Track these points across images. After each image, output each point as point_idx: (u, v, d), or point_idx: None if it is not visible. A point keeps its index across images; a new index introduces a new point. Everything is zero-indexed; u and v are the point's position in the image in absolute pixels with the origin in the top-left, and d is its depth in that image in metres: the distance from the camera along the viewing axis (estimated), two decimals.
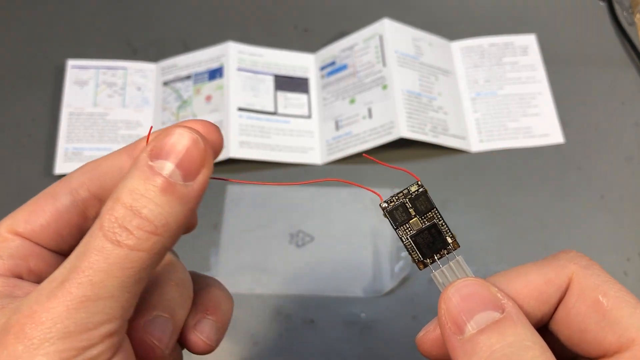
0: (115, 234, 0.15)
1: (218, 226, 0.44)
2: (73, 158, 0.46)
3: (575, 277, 0.17)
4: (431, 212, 0.17)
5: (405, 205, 0.17)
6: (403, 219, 0.17)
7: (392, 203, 0.17)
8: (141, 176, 0.16)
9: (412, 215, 0.17)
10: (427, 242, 0.17)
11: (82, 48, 0.52)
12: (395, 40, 0.48)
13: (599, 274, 0.17)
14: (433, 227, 0.17)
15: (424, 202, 0.17)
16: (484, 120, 0.48)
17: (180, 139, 0.16)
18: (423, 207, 0.17)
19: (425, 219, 0.17)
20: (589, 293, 0.16)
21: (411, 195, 0.17)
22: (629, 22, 0.53)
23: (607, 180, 0.45)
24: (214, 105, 0.48)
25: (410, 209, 0.17)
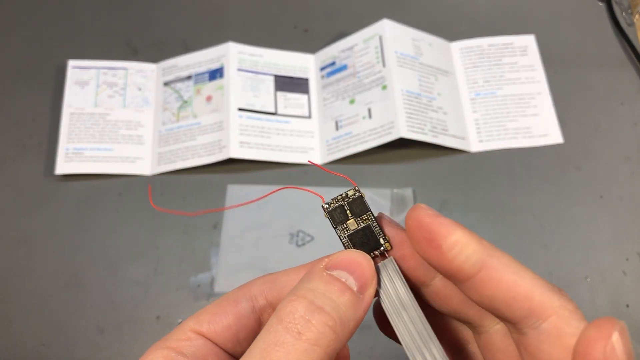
0: (296, 325, 0.16)
1: (218, 226, 0.44)
2: (74, 158, 0.46)
3: None
4: (366, 214, 0.19)
5: (344, 207, 0.19)
6: (341, 219, 0.19)
7: (332, 205, 0.19)
8: (321, 279, 0.17)
9: (349, 217, 0.19)
10: (362, 241, 0.19)
11: (83, 48, 0.52)
12: (395, 40, 0.48)
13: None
14: (367, 228, 0.19)
15: (359, 206, 0.19)
16: (484, 120, 0.48)
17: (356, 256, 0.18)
18: (358, 210, 0.19)
19: (361, 221, 0.19)
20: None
21: (348, 198, 0.19)
22: (628, 22, 0.53)
23: (606, 180, 0.46)
24: (214, 106, 0.48)
25: (347, 211, 0.19)
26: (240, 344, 0.19)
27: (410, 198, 0.44)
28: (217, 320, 0.19)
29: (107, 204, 0.45)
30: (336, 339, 0.16)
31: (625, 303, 0.41)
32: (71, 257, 0.43)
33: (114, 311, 0.41)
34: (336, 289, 0.17)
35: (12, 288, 0.42)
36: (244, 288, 0.20)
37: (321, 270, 0.17)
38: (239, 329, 0.19)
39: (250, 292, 0.19)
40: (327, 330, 0.16)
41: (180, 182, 0.46)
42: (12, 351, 0.40)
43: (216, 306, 0.19)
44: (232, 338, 0.19)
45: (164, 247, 0.44)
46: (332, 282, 0.17)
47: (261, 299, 0.19)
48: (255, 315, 0.19)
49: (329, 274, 0.17)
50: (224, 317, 0.19)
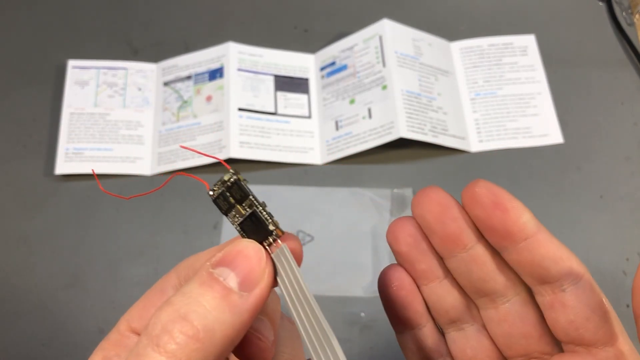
0: (157, 338, 0.15)
1: (218, 226, 0.44)
2: (74, 158, 0.46)
3: None
4: (248, 200, 0.17)
5: (225, 194, 0.17)
6: (227, 207, 0.17)
7: (214, 192, 0.17)
8: (198, 280, 0.16)
9: (233, 204, 0.17)
10: (252, 229, 0.17)
11: (82, 48, 0.52)
12: (395, 40, 0.48)
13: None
14: (253, 215, 0.17)
15: (238, 191, 0.17)
16: (484, 120, 0.48)
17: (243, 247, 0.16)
18: (239, 196, 0.17)
19: (246, 207, 0.17)
20: None
21: (226, 185, 0.17)
22: (628, 22, 0.53)
23: (606, 180, 0.46)
24: (215, 106, 0.48)
25: (229, 197, 0.17)
26: None
27: (410, 198, 0.44)
28: (147, 314, 0.18)
29: (107, 204, 0.45)
30: (201, 348, 0.15)
31: (625, 303, 0.41)
32: (71, 257, 0.43)
33: (114, 311, 0.41)
34: (209, 292, 0.15)
35: (13, 288, 0.42)
36: (168, 276, 0.19)
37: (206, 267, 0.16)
38: None
39: (174, 279, 0.19)
40: (187, 340, 0.15)
41: (180, 182, 0.46)
42: (13, 351, 0.40)
43: (144, 300, 0.18)
44: None
45: (164, 247, 0.44)
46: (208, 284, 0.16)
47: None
48: None
49: (209, 273, 0.16)
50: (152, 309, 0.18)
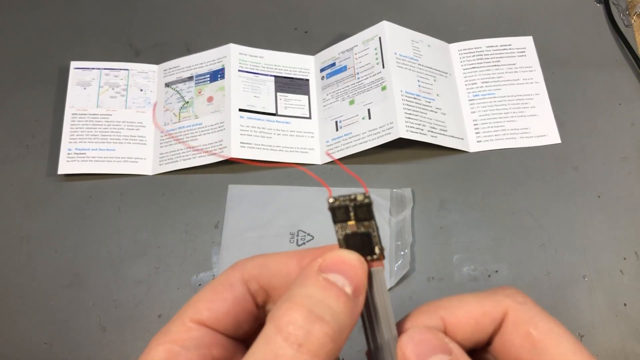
0: (297, 337, 0.15)
1: (219, 225, 0.45)
2: (76, 158, 0.47)
3: (510, 311, 0.19)
4: (369, 222, 0.18)
5: (348, 208, 0.18)
6: (342, 218, 0.18)
7: (337, 202, 0.18)
8: (317, 284, 0.16)
9: (352, 218, 0.18)
10: (357, 245, 0.18)
11: (85, 50, 0.53)
12: (394, 42, 0.49)
13: (531, 309, 0.19)
14: (366, 235, 0.18)
15: (365, 213, 0.18)
16: (482, 120, 0.49)
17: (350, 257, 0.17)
18: (363, 216, 0.18)
19: (362, 226, 0.18)
20: (522, 326, 0.18)
21: (356, 202, 0.18)
22: (625, 23, 0.53)
23: (603, 180, 0.46)
24: (216, 106, 0.48)
25: (351, 213, 0.18)
26: (240, 326, 0.19)
27: (409, 198, 0.45)
28: (216, 307, 0.18)
29: (109, 203, 0.46)
30: (334, 348, 0.16)
31: (622, 302, 0.41)
32: (73, 256, 0.44)
33: (116, 310, 0.42)
34: (333, 295, 0.16)
35: (15, 287, 0.43)
36: (235, 270, 0.19)
37: (316, 273, 0.17)
38: (237, 313, 0.18)
39: (242, 275, 0.19)
40: (327, 340, 0.15)
41: (181, 182, 0.47)
42: (15, 350, 0.41)
43: (212, 292, 0.18)
44: (232, 322, 0.18)
45: (166, 246, 0.44)
46: (329, 288, 0.16)
47: (254, 283, 0.19)
48: (251, 298, 0.19)
49: (325, 279, 0.17)
50: (222, 303, 0.18)
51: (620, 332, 0.40)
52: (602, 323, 0.40)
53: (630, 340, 0.40)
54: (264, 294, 0.19)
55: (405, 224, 0.44)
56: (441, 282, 0.42)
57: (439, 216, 0.45)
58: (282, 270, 0.19)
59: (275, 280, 0.19)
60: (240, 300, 0.18)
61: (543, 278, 0.42)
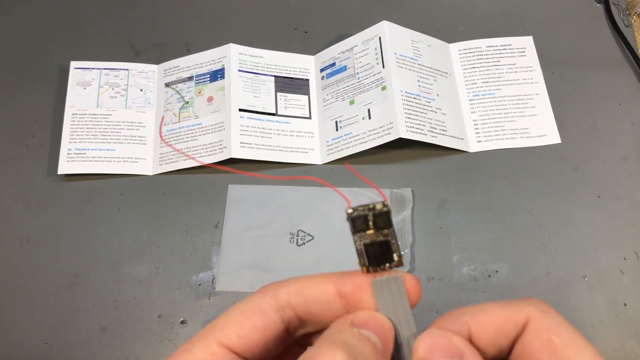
0: None
1: (219, 225, 0.45)
2: (76, 158, 0.47)
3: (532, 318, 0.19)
4: (388, 230, 0.19)
5: (367, 218, 0.19)
6: (362, 228, 0.19)
7: (356, 212, 0.19)
8: (353, 335, 0.17)
9: (370, 227, 0.19)
10: (376, 253, 0.19)
11: (85, 50, 0.53)
12: (394, 42, 0.49)
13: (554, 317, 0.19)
14: (385, 243, 0.19)
15: (384, 221, 0.19)
16: (482, 120, 0.49)
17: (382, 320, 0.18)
18: (382, 224, 0.19)
19: (381, 234, 0.19)
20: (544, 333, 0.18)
21: (375, 211, 0.19)
22: (625, 23, 0.53)
23: (603, 180, 0.46)
24: (216, 106, 0.48)
25: (370, 221, 0.19)
26: (269, 352, 0.19)
27: (409, 198, 0.45)
28: (246, 333, 0.18)
29: (109, 203, 0.46)
30: None
31: (622, 302, 0.41)
32: (73, 256, 0.44)
33: (115, 310, 0.42)
34: (369, 348, 0.17)
35: (15, 287, 0.43)
36: (267, 296, 0.19)
37: (349, 326, 0.17)
38: (268, 340, 0.18)
39: (276, 302, 0.19)
40: None
41: (181, 182, 0.47)
42: (15, 350, 0.41)
43: (241, 317, 0.18)
44: (260, 350, 0.18)
45: (166, 246, 0.44)
46: (364, 341, 0.17)
47: (288, 310, 0.19)
48: (284, 325, 0.19)
49: (360, 332, 0.17)
50: (253, 330, 0.18)
51: (620, 332, 0.40)
52: (602, 323, 0.40)
53: (630, 340, 0.40)
54: (298, 321, 0.19)
55: (405, 224, 0.44)
56: (441, 282, 0.42)
57: (438, 216, 0.45)
58: (321, 297, 0.19)
59: (315, 308, 0.19)
60: (271, 328, 0.18)
61: (543, 278, 0.42)
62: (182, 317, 0.41)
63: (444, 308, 0.41)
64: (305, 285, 0.19)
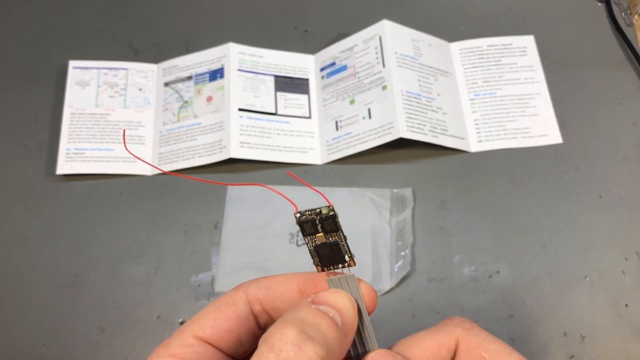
0: (288, 353, 0.16)
1: (218, 226, 0.44)
2: (75, 158, 0.47)
3: (461, 339, 0.20)
4: (336, 233, 0.20)
5: (315, 221, 0.20)
6: (311, 231, 0.20)
7: (304, 216, 0.20)
8: (309, 311, 0.18)
9: (319, 231, 0.20)
10: (328, 254, 0.20)
11: (83, 49, 0.53)
12: (395, 41, 0.49)
13: (479, 333, 0.20)
14: (335, 244, 0.20)
15: (331, 225, 0.20)
16: (483, 120, 0.48)
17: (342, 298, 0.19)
18: (329, 228, 0.20)
19: (330, 237, 0.20)
20: (474, 350, 0.19)
21: (321, 216, 0.20)
22: (627, 23, 0.53)
23: (605, 180, 0.46)
24: (215, 106, 0.48)
25: (318, 225, 0.20)
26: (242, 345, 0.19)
27: (410, 198, 0.45)
28: (219, 324, 0.19)
29: (108, 203, 0.46)
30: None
31: (624, 303, 0.41)
32: (72, 257, 0.44)
33: (114, 311, 0.41)
34: (325, 322, 0.17)
35: (13, 287, 0.43)
36: (239, 291, 0.20)
37: (309, 303, 0.18)
38: (240, 332, 0.19)
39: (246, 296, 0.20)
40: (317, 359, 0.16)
41: (180, 182, 0.46)
42: (13, 350, 0.40)
43: (215, 310, 0.19)
44: (234, 341, 0.19)
45: (165, 246, 0.44)
46: (320, 315, 0.17)
47: (257, 304, 0.20)
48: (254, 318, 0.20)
49: (317, 308, 0.18)
50: (226, 321, 0.19)
51: (622, 333, 0.40)
52: (603, 324, 0.40)
53: (632, 341, 0.40)
54: (266, 315, 0.20)
55: (406, 225, 0.43)
56: (442, 282, 0.42)
57: (439, 216, 0.44)
58: (285, 294, 0.20)
59: (279, 303, 0.20)
60: (243, 319, 0.19)
61: (544, 278, 0.42)
62: (181, 318, 0.41)
63: (445, 309, 0.41)
64: (273, 282, 0.20)
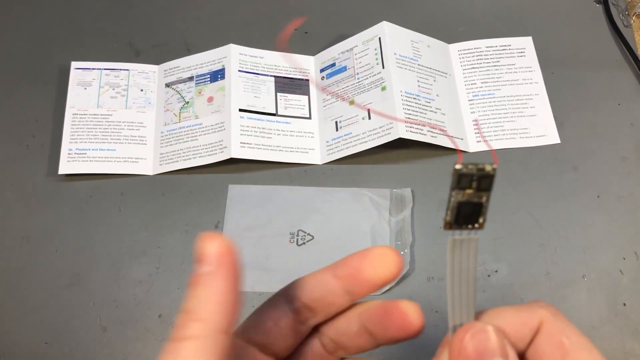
0: None
1: (219, 225, 0.45)
2: (77, 158, 0.47)
3: (545, 321, 0.19)
4: (486, 193, 0.19)
5: (473, 177, 0.19)
6: (465, 185, 0.19)
7: (465, 169, 0.19)
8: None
9: (472, 187, 0.19)
10: (466, 213, 0.19)
11: (85, 50, 0.53)
12: (394, 42, 0.49)
13: (564, 321, 0.20)
14: (479, 205, 0.19)
15: (487, 183, 0.19)
16: (482, 121, 0.49)
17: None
18: (484, 186, 0.19)
19: (477, 196, 0.19)
20: (555, 335, 0.19)
21: (483, 172, 0.19)
22: (625, 24, 0.53)
23: (603, 180, 0.46)
24: (216, 107, 0.48)
25: (474, 181, 0.19)
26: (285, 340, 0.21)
27: (409, 198, 0.45)
28: (264, 325, 0.20)
29: (110, 203, 0.46)
30: None
31: (622, 302, 0.41)
32: (74, 256, 0.44)
33: (116, 310, 0.42)
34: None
35: (15, 287, 0.43)
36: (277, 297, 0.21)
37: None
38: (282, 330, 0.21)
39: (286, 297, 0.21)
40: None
41: (181, 182, 0.47)
42: (15, 349, 0.41)
43: (259, 313, 0.21)
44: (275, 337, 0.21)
45: (166, 246, 0.44)
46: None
47: (296, 301, 0.21)
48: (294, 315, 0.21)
49: None
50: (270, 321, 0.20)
51: (620, 332, 0.40)
52: (601, 323, 0.40)
53: (630, 340, 0.40)
54: (307, 310, 0.21)
55: (405, 224, 0.44)
56: (441, 282, 0.42)
57: (438, 216, 0.45)
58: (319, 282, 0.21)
59: (316, 292, 0.21)
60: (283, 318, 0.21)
61: (543, 278, 0.42)
62: None
63: (444, 308, 0.41)
64: (308, 277, 0.21)
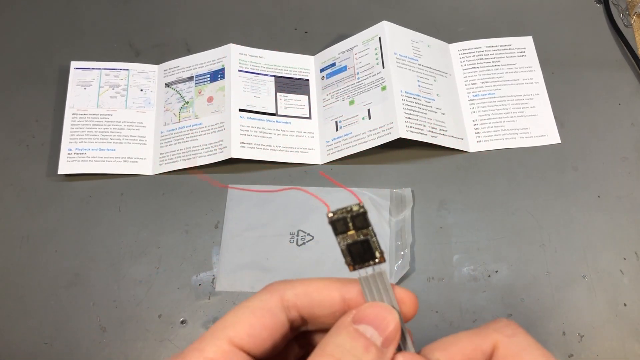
0: None
1: (219, 225, 0.45)
2: (76, 158, 0.47)
3: (498, 345, 0.19)
4: (366, 229, 0.20)
5: (346, 219, 0.20)
6: (342, 230, 0.20)
7: (336, 215, 0.20)
8: (347, 334, 0.18)
9: (350, 228, 0.20)
10: (359, 252, 0.20)
11: (85, 50, 0.53)
12: (394, 42, 0.49)
13: (520, 342, 0.19)
14: (365, 242, 0.20)
15: (362, 221, 0.20)
16: (482, 120, 0.49)
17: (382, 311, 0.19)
18: (360, 225, 0.20)
19: (361, 234, 0.20)
20: (510, 358, 0.19)
21: (352, 213, 0.20)
22: (625, 23, 0.53)
23: (603, 180, 0.46)
24: (216, 106, 0.48)
25: (349, 223, 0.20)
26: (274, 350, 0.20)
27: (409, 198, 0.45)
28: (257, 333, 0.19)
29: (110, 203, 0.46)
30: None
31: (622, 302, 0.41)
32: (73, 256, 0.44)
33: (115, 310, 0.42)
34: (361, 346, 0.18)
35: (15, 287, 0.43)
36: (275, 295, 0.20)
37: (348, 323, 0.18)
38: (275, 339, 0.19)
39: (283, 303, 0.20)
40: None
41: (181, 182, 0.47)
42: (15, 349, 0.41)
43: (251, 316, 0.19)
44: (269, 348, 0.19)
45: (166, 246, 0.44)
46: (357, 339, 0.18)
47: (294, 311, 0.20)
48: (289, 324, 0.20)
49: (356, 329, 0.18)
50: (263, 330, 0.19)
51: (620, 332, 0.40)
52: (602, 323, 0.40)
53: (630, 340, 0.40)
54: (301, 320, 0.20)
55: (405, 224, 0.44)
56: (441, 282, 0.42)
57: (438, 216, 0.45)
58: (325, 302, 0.20)
59: (318, 311, 0.20)
60: (279, 327, 0.19)
61: (543, 278, 0.42)
62: (182, 317, 0.41)
63: (444, 308, 0.41)
64: (312, 288, 0.20)
